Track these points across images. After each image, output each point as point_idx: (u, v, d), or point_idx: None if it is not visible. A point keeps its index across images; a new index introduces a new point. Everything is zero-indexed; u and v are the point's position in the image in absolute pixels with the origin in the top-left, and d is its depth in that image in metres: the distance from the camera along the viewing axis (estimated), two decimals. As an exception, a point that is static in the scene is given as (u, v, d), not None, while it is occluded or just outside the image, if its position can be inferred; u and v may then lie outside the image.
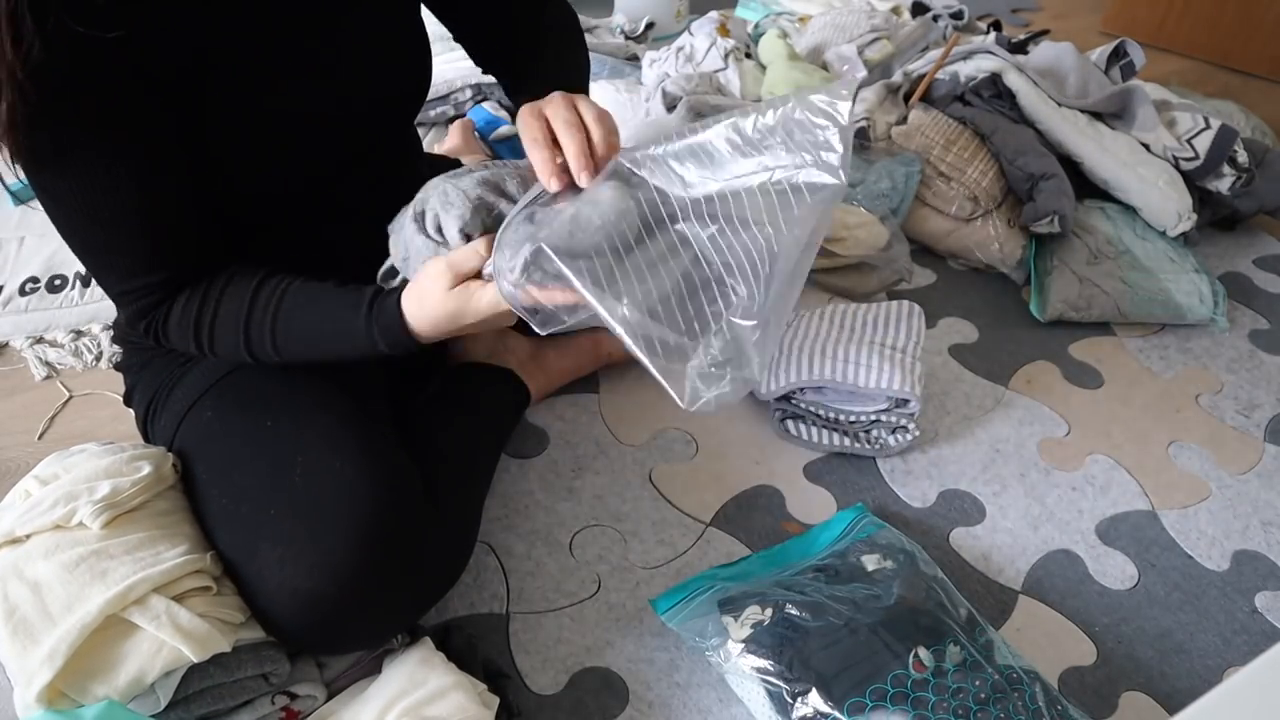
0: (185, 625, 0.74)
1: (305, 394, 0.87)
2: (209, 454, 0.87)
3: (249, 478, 0.83)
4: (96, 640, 0.73)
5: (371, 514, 0.78)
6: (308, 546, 0.77)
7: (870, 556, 0.95)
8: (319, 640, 0.81)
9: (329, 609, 0.77)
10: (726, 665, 0.87)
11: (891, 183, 1.52)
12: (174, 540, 0.80)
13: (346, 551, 0.77)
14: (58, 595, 0.74)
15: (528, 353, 1.18)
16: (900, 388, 1.13)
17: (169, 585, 0.76)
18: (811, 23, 2.10)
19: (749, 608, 0.88)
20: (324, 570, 0.76)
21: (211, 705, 0.77)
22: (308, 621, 0.78)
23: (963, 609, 0.91)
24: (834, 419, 1.18)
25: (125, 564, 0.76)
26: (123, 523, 0.80)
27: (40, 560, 0.77)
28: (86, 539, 0.78)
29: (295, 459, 0.81)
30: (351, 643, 0.84)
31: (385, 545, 0.79)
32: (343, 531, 0.77)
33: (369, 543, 0.77)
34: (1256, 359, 1.43)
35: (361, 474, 0.80)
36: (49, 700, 0.72)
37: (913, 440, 1.17)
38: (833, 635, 0.85)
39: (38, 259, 1.46)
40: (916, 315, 1.25)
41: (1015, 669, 0.85)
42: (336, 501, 0.79)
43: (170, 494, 0.86)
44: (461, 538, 0.93)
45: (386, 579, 0.80)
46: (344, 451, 0.82)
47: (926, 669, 0.82)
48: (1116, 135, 1.60)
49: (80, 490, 0.81)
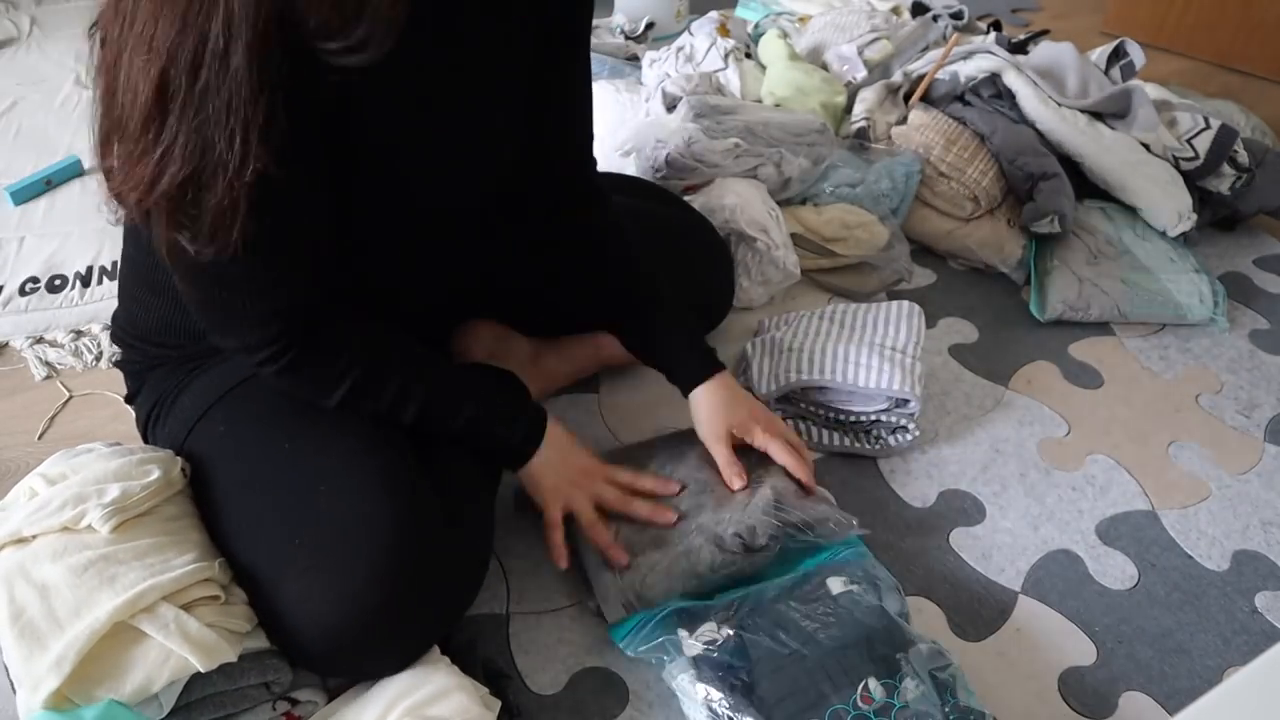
0: (194, 635, 0.73)
1: (322, 416, 0.87)
2: (225, 470, 0.87)
3: (268, 503, 0.83)
4: (104, 647, 0.73)
5: (393, 546, 0.78)
6: (334, 580, 0.77)
7: (836, 579, 0.92)
8: (345, 668, 0.82)
9: (354, 639, 0.78)
10: (674, 684, 0.86)
11: (892, 183, 1.52)
12: (183, 547, 0.80)
13: (370, 584, 0.77)
14: (66, 600, 0.74)
15: (527, 355, 1.18)
16: (900, 388, 1.13)
17: (178, 594, 0.76)
18: (811, 23, 2.10)
19: (705, 625, 0.87)
20: (349, 603, 0.77)
21: (213, 713, 0.77)
22: (333, 652, 0.78)
23: (924, 644, 0.88)
24: (834, 419, 1.18)
25: (134, 570, 0.76)
26: (131, 527, 0.80)
27: (48, 562, 0.77)
28: (95, 543, 0.78)
29: (317, 487, 0.81)
30: (376, 668, 0.84)
31: (408, 576, 0.79)
32: (366, 564, 0.77)
33: (392, 574, 0.77)
34: (1256, 359, 1.43)
35: (382, 505, 0.80)
36: (55, 705, 0.72)
37: (913, 440, 1.17)
38: (779, 662, 0.83)
39: (38, 259, 1.46)
40: (916, 315, 1.24)
41: (973, 710, 0.84)
42: (359, 533, 0.79)
43: (179, 499, 0.86)
44: (479, 554, 0.93)
45: (409, 607, 0.80)
46: (365, 483, 0.82)
47: (874, 702, 0.81)
48: (1116, 135, 1.60)
49: (89, 492, 0.80)
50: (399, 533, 0.79)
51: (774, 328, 1.28)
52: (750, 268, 1.40)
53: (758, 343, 1.26)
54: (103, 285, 1.42)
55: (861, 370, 1.16)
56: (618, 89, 1.73)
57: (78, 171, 1.69)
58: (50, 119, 1.88)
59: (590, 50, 0.97)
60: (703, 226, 1.29)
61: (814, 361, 1.18)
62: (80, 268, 1.45)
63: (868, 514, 1.10)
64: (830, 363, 1.17)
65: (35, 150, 1.76)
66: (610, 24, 2.22)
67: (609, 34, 2.14)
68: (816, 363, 1.18)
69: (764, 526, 0.95)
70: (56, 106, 1.93)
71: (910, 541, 1.08)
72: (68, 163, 1.68)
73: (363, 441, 0.85)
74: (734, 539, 0.94)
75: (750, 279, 1.40)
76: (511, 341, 1.17)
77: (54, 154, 1.74)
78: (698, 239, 1.27)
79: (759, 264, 1.40)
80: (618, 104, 1.70)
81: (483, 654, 0.90)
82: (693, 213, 1.32)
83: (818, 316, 1.26)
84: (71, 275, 1.43)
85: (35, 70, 2.08)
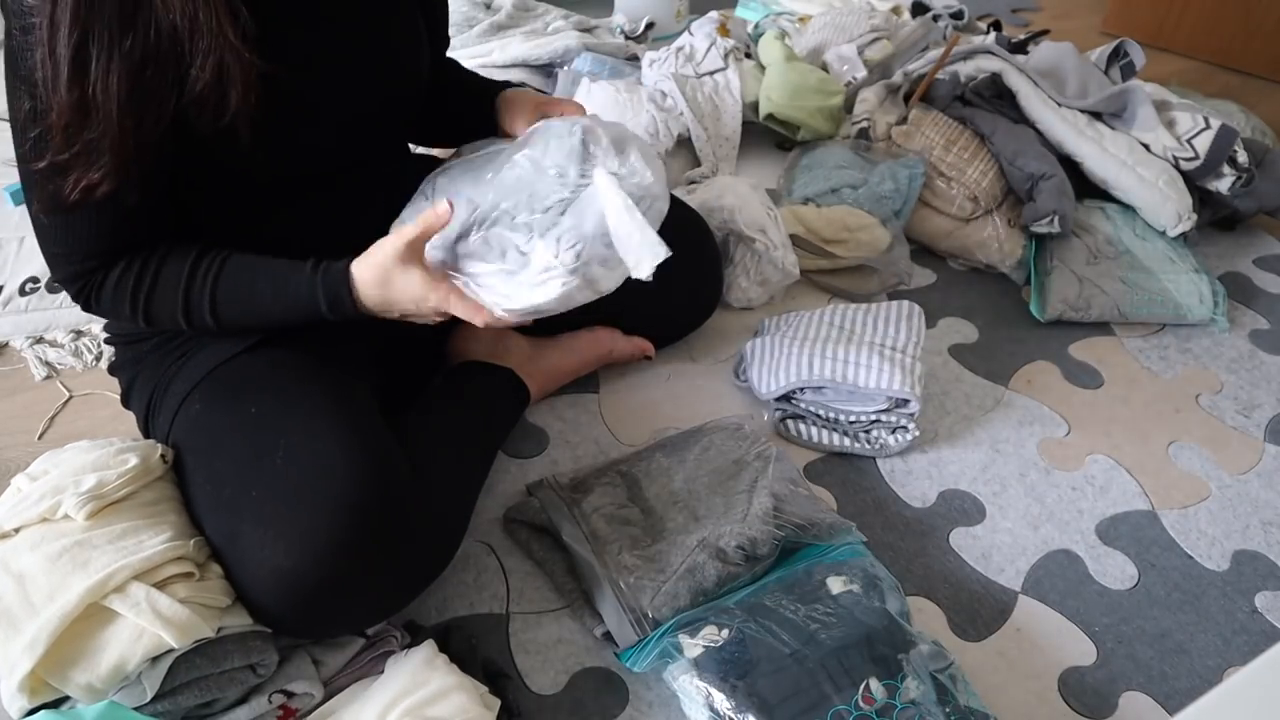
0: (165, 612, 0.74)
1: (292, 383, 0.88)
2: (196, 445, 0.87)
3: (231, 463, 0.83)
4: (78, 628, 0.73)
5: (350, 491, 0.78)
6: (287, 526, 0.77)
7: (836, 579, 0.92)
8: (302, 622, 0.81)
9: (310, 589, 0.77)
10: (675, 685, 0.86)
11: (895, 185, 1.52)
12: (158, 529, 0.80)
13: (326, 529, 0.77)
14: (40, 585, 0.75)
15: (526, 354, 1.18)
16: (900, 388, 1.13)
17: (150, 572, 0.76)
18: (811, 23, 2.10)
19: (706, 627, 0.87)
20: (304, 548, 0.77)
21: (200, 697, 0.78)
22: (290, 602, 0.78)
23: (926, 644, 0.88)
24: (834, 419, 1.18)
25: (107, 553, 0.76)
26: (108, 514, 0.81)
27: (26, 552, 0.78)
28: (71, 530, 0.79)
29: (278, 441, 0.82)
30: (334, 625, 0.84)
31: (365, 523, 0.79)
32: (322, 509, 0.77)
33: (348, 520, 0.78)
34: (1256, 359, 1.43)
35: (341, 453, 0.80)
36: (31, 689, 0.72)
37: (913, 440, 1.17)
38: (780, 662, 0.83)
39: (38, 259, 1.46)
40: (917, 315, 1.24)
41: (975, 710, 0.84)
42: (316, 480, 0.79)
43: (159, 485, 0.86)
44: (449, 527, 0.93)
45: (367, 558, 0.80)
46: (326, 433, 0.82)
47: (876, 702, 0.81)
48: (1116, 135, 1.60)
49: (67, 483, 0.81)
50: (356, 479, 0.79)
51: (773, 328, 1.28)
52: (749, 268, 1.40)
53: (757, 343, 1.26)
54: (103, 285, 1.42)
55: (861, 370, 1.16)
56: (617, 89, 1.73)
57: (78, 171, 1.69)
58: (50, 119, 1.88)
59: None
60: (690, 220, 1.30)
61: (813, 362, 1.18)
62: (80, 268, 1.45)
63: (868, 514, 1.11)
64: (829, 363, 1.17)
65: (35, 150, 1.76)
66: (610, 24, 2.22)
67: (609, 34, 2.13)
68: (815, 363, 1.18)
69: (765, 536, 0.95)
70: (56, 106, 1.93)
71: (910, 541, 1.08)
72: (68, 163, 1.68)
73: (328, 399, 0.86)
74: (736, 551, 0.94)
75: (749, 279, 1.40)
76: (509, 340, 1.17)
77: (54, 154, 1.74)
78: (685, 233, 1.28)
79: (757, 264, 1.40)
80: (617, 104, 1.70)
81: (483, 654, 0.90)
82: (682, 206, 1.33)
83: (817, 317, 1.26)
84: (71, 275, 1.43)
85: (35, 70, 2.08)
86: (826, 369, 1.17)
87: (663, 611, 0.90)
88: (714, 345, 1.35)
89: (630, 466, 1.08)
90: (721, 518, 0.99)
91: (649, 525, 1.00)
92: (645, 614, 0.90)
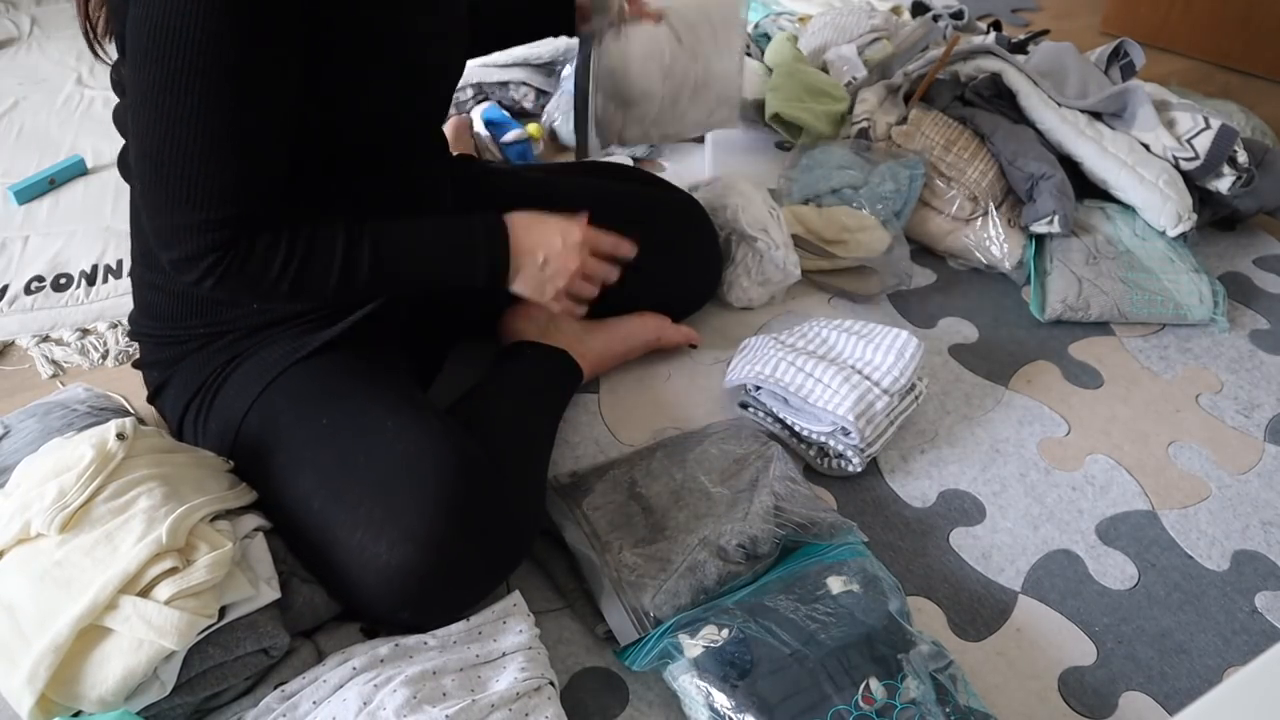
0: (156, 620, 0.74)
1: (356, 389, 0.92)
2: (272, 466, 0.89)
3: (315, 475, 0.86)
4: (76, 649, 0.74)
5: (446, 482, 0.82)
6: (387, 524, 0.81)
7: (836, 579, 0.93)
8: (409, 613, 0.84)
9: (415, 581, 0.81)
10: (675, 685, 0.86)
11: (896, 185, 1.52)
12: (129, 525, 0.79)
13: (426, 521, 0.81)
14: (29, 614, 0.75)
15: (577, 335, 1.20)
16: (844, 414, 1.09)
17: (133, 581, 0.76)
18: (811, 23, 2.10)
19: (706, 627, 0.87)
20: (406, 543, 0.80)
21: (216, 685, 0.79)
22: (400, 597, 0.81)
23: (925, 644, 0.88)
24: (791, 427, 1.17)
25: (86, 569, 0.76)
26: (79, 521, 0.80)
27: (12, 576, 0.78)
28: (47, 548, 0.78)
29: (358, 446, 0.86)
30: (440, 612, 0.87)
31: (461, 511, 0.83)
32: (419, 503, 0.81)
33: (447, 510, 0.82)
34: (1257, 359, 1.43)
35: (428, 449, 0.85)
36: (43, 712, 0.73)
37: (853, 474, 1.13)
38: (781, 662, 0.84)
39: (43, 258, 1.46)
40: (911, 350, 1.17)
41: (975, 710, 0.84)
42: (409, 476, 0.83)
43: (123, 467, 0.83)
44: (529, 506, 0.97)
45: (466, 545, 0.83)
46: (405, 431, 0.86)
47: (876, 702, 0.81)
48: (1116, 135, 1.60)
49: (31, 498, 0.80)
50: (449, 470, 0.83)
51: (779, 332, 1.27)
52: (750, 268, 1.40)
53: (752, 339, 1.26)
54: (108, 283, 1.42)
55: (818, 388, 1.13)
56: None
57: (81, 170, 1.70)
58: (52, 119, 1.89)
59: None
60: (687, 203, 1.35)
61: (779, 366, 1.16)
62: (85, 266, 1.45)
63: (868, 513, 1.11)
64: (792, 371, 1.15)
65: (38, 150, 1.77)
66: (611, 24, 2.22)
67: (610, 34, 2.13)
68: (781, 368, 1.16)
69: (766, 534, 0.96)
70: (59, 106, 1.94)
71: (910, 541, 1.08)
72: (71, 162, 1.69)
73: (398, 399, 0.91)
74: (737, 550, 0.95)
75: (750, 279, 1.41)
76: (562, 321, 1.19)
77: (57, 153, 1.74)
78: (683, 216, 1.33)
79: (759, 264, 1.40)
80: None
81: (485, 653, 0.91)
82: (677, 191, 1.38)
83: (816, 328, 1.24)
84: (77, 274, 1.43)
85: (36, 70, 2.09)
86: (788, 376, 1.15)
87: (663, 609, 0.91)
88: (714, 345, 1.35)
89: (631, 465, 1.09)
90: (723, 516, 0.99)
91: (650, 524, 1.01)
92: (646, 612, 0.90)
